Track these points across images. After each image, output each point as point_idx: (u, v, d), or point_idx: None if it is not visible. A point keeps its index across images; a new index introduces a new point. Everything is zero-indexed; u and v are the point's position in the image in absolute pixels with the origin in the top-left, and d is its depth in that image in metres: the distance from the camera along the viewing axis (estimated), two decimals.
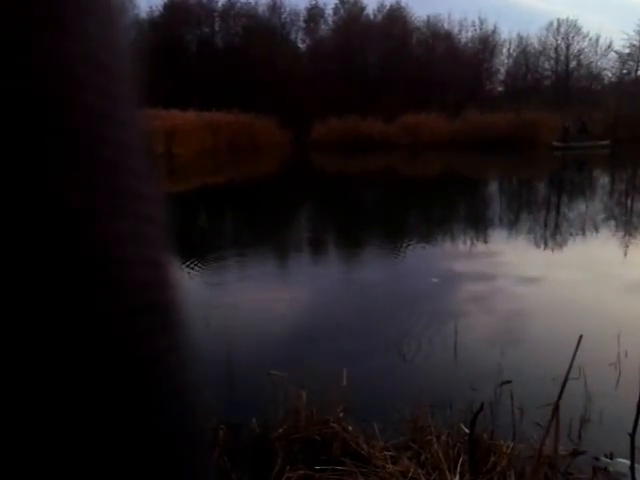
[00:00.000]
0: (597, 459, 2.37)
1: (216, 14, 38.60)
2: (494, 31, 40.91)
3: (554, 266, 6.29)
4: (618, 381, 3.21)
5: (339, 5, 40.05)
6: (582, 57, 40.26)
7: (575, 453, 2.44)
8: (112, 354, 0.17)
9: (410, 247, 7.82)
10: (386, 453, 2.28)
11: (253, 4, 39.02)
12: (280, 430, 2.42)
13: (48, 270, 0.16)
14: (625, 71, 39.18)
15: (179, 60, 34.27)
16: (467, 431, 2.25)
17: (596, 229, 8.58)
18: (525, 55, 41.04)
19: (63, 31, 0.16)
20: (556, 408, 1.78)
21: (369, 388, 2.97)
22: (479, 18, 49.48)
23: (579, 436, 2.69)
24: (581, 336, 1.83)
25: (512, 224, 9.83)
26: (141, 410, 0.18)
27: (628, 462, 1.92)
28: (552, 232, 8.79)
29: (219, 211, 11.98)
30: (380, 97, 33.25)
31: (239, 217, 11.32)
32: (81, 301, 0.16)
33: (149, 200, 0.19)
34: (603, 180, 17.50)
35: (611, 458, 2.36)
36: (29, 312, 0.16)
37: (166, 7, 37.76)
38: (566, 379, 1.78)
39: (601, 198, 12.90)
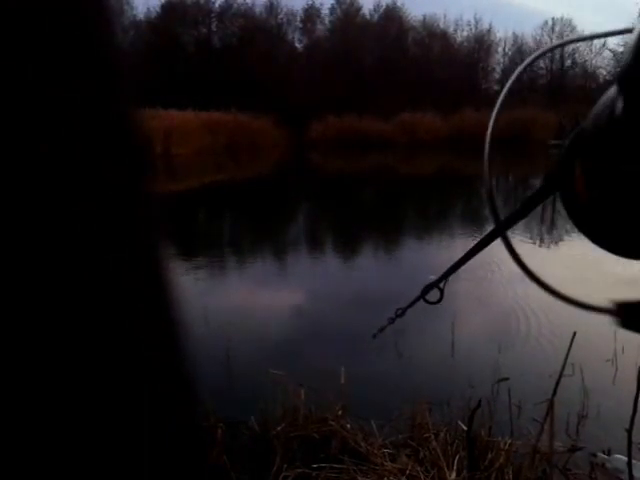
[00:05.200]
0: (594, 455, 2.37)
1: (213, 15, 38.46)
2: (489, 30, 41.10)
3: (551, 262, 6.30)
4: (615, 377, 3.23)
5: (335, 5, 40.09)
6: (577, 56, 40.36)
7: (573, 449, 2.45)
8: (112, 354, 0.17)
9: (408, 245, 7.83)
10: (384, 450, 2.28)
11: (250, 4, 38.93)
12: (279, 428, 2.43)
13: (48, 271, 0.16)
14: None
15: (177, 60, 34.20)
16: (465, 428, 2.26)
17: None
18: (520, 54, 40.92)
19: (61, 32, 0.17)
20: (551, 404, 1.79)
21: (367, 386, 2.97)
22: (474, 17, 49.50)
23: (577, 432, 2.70)
24: (574, 333, 1.84)
25: None
26: (142, 409, 0.18)
27: (625, 458, 1.92)
28: (548, 228, 8.80)
29: (219, 211, 11.95)
30: (377, 96, 33.23)
31: (238, 216, 11.30)
32: (80, 302, 0.17)
33: (147, 200, 0.20)
34: None
35: (608, 454, 2.36)
36: (29, 313, 0.16)
37: (163, 8, 37.69)
38: (560, 376, 1.79)
39: None
